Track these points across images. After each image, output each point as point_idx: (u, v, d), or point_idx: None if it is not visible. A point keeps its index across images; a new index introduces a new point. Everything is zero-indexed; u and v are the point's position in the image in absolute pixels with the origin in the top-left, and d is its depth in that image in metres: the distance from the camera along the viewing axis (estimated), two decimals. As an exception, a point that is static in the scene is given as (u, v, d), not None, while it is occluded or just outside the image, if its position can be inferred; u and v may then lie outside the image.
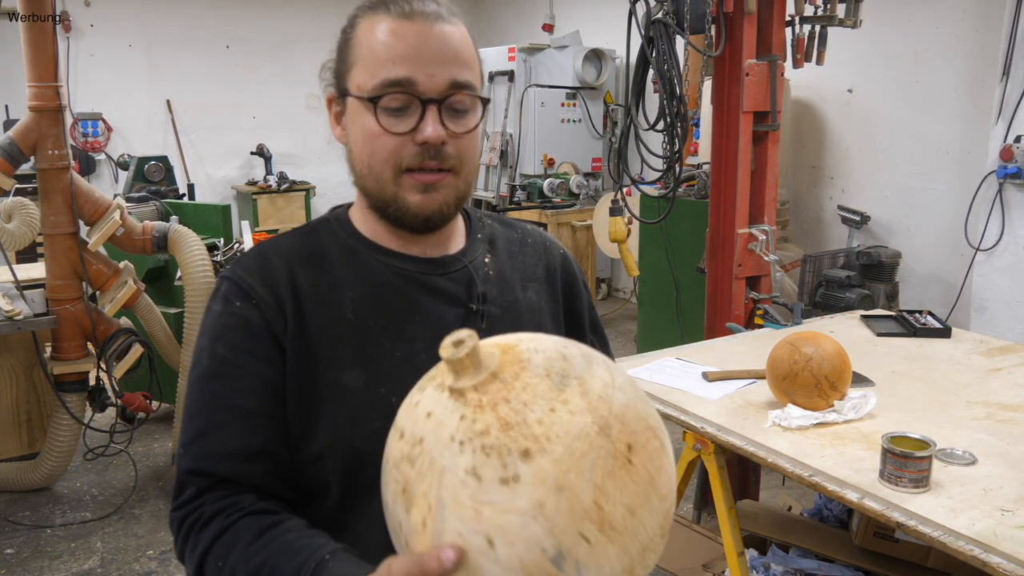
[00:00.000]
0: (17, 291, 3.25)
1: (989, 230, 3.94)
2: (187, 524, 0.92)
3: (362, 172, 0.98)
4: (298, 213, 7.10)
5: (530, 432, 0.70)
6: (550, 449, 0.69)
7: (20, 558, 3.08)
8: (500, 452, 0.69)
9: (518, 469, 0.68)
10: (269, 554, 0.86)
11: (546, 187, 5.92)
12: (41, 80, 3.14)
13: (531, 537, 0.67)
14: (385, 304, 0.99)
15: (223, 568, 0.87)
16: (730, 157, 2.99)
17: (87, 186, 3.39)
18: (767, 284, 3.09)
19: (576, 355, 0.78)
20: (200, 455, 0.93)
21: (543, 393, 0.72)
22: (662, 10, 2.85)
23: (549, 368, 0.75)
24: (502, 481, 0.68)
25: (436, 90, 0.94)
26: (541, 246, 1.17)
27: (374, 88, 0.94)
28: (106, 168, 6.79)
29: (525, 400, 0.72)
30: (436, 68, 0.94)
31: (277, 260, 1.00)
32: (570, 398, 0.73)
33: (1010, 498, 1.49)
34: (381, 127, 0.94)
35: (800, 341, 1.87)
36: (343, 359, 0.96)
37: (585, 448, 0.70)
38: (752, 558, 2.26)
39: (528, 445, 0.69)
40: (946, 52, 4.35)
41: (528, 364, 0.75)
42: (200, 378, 0.96)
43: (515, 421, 0.70)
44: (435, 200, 0.97)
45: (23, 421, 3.63)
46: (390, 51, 0.94)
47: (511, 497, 0.68)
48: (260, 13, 7.26)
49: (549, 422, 0.70)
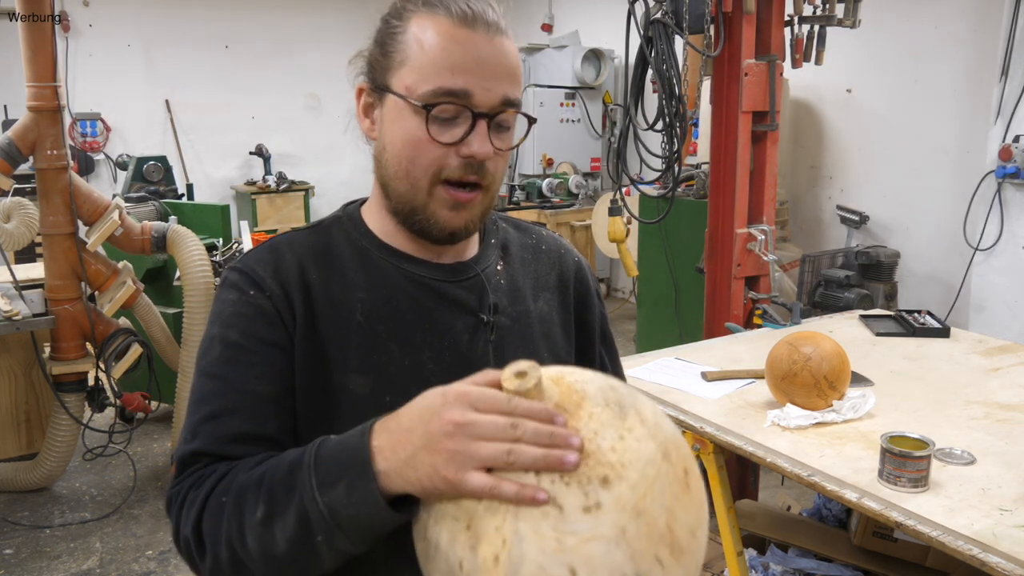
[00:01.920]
0: (16, 291, 3.25)
1: (988, 230, 3.95)
2: (184, 490, 0.87)
3: (396, 174, 0.95)
4: (297, 213, 7.09)
5: (606, 460, 0.70)
6: (626, 476, 0.70)
7: (19, 558, 3.08)
8: (580, 481, 0.69)
9: (599, 496, 0.69)
10: (274, 461, 0.83)
11: (545, 187, 5.92)
12: (40, 80, 3.14)
13: (614, 564, 0.68)
14: (395, 309, 0.97)
15: (226, 502, 0.83)
16: (729, 157, 2.99)
17: (86, 186, 3.39)
18: (766, 284, 3.09)
19: (619, 385, 0.79)
20: (210, 438, 0.89)
21: (608, 422, 0.73)
22: (661, 10, 2.85)
23: (607, 398, 0.75)
24: (584, 510, 0.68)
25: (489, 105, 0.91)
26: (556, 254, 1.14)
27: (427, 95, 0.90)
28: (105, 168, 6.78)
29: (595, 429, 0.72)
30: (493, 83, 0.91)
31: (289, 255, 0.98)
32: (633, 426, 0.74)
33: (1009, 497, 1.49)
34: (428, 135, 0.91)
35: (799, 341, 1.87)
36: (350, 362, 0.94)
37: (655, 473, 0.72)
38: (751, 558, 2.26)
39: (606, 472, 0.70)
40: (945, 52, 4.36)
41: (586, 395, 0.75)
42: (212, 364, 0.93)
43: (590, 450, 0.71)
44: (463, 217, 0.95)
45: (22, 421, 3.63)
46: (450, 58, 0.90)
47: (594, 525, 0.68)
48: (259, 13, 7.25)
49: (621, 449, 0.71)
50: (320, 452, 0.79)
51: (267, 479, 0.82)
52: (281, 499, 0.80)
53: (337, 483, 0.76)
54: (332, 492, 0.76)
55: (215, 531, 0.83)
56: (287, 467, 0.81)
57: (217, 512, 0.83)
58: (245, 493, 0.82)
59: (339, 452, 0.78)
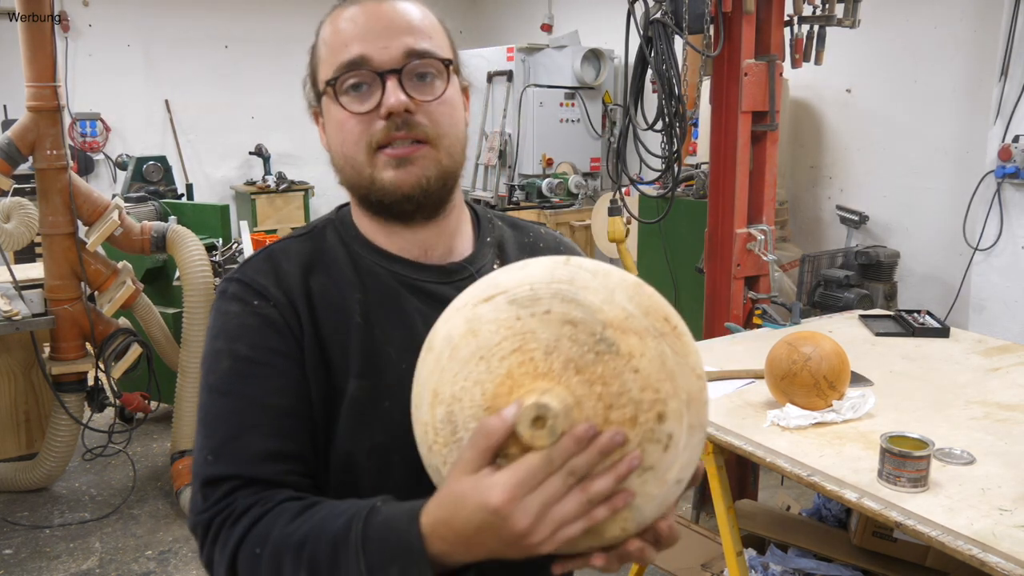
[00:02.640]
0: (15, 291, 3.25)
1: (987, 230, 3.95)
2: (217, 522, 0.84)
3: (340, 165, 0.96)
4: (297, 213, 7.09)
5: (647, 403, 0.73)
6: (666, 394, 0.74)
7: (19, 558, 3.08)
8: (649, 439, 0.73)
9: (666, 430, 0.73)
10: (314, 523, 0.80)
11: (544, 187, 5.92)
12: (39, 80, 3.14)
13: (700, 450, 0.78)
14: (389, 313, 0.95)
15: (261, 555, 0.80)
16: (728, 157, 2.99)
17: (85, 186, 3.39)
18: (766, 284, 3.09)
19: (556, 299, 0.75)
20: (234, 459, 0.86)
21: (613, 371, 0.73)
22: (660, 10, 2.85)
23: (589, 344, 0.73)
24: (665, 449, 0.74)
25: (392, 61, 0.91)
26: (554, 251, 1.12)
27: (332, 74, 0.93)
28: (104, 168, 6.78)
29: (616, 391, 0.72)
30: (388, 40, 0.91)
31: (287, 264, 0.96)
32: (630, 348, 0.73)
33: (1008, 497, 1.49)
34: (346, 111, 0.92)
35: (799, 341, 1.87)
36: (351, 366, 0.92)
37: (672, 363, 0.74)
38: (751, 558, 2.26)
39: (658, 411, 0.73)
40: (944, 52, 4.36)
41: (580, 359, 0.73)
42: (222, 380, 0.90)
43: (632, 413, 0.72)
44: (412, 174, 0.92)
45: (21, 421, 3.63)
46: (343, 36, 0.93)
47: (677, 453, 0.74)
48: (259, 13, 7.25)
49: (641, 383, 0.73)
50: (368, 531, 0.77)
51: (309, 547, 0.79)
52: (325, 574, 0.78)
53: (388, 569, 0.75)
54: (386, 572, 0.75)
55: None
56: (331, 540, 0.79)
57: (252, 565, 0.81)
58: (283, 555, 0.80)
59: (388, 532, 0.76)
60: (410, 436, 0.89)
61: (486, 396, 0.74)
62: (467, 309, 0.79)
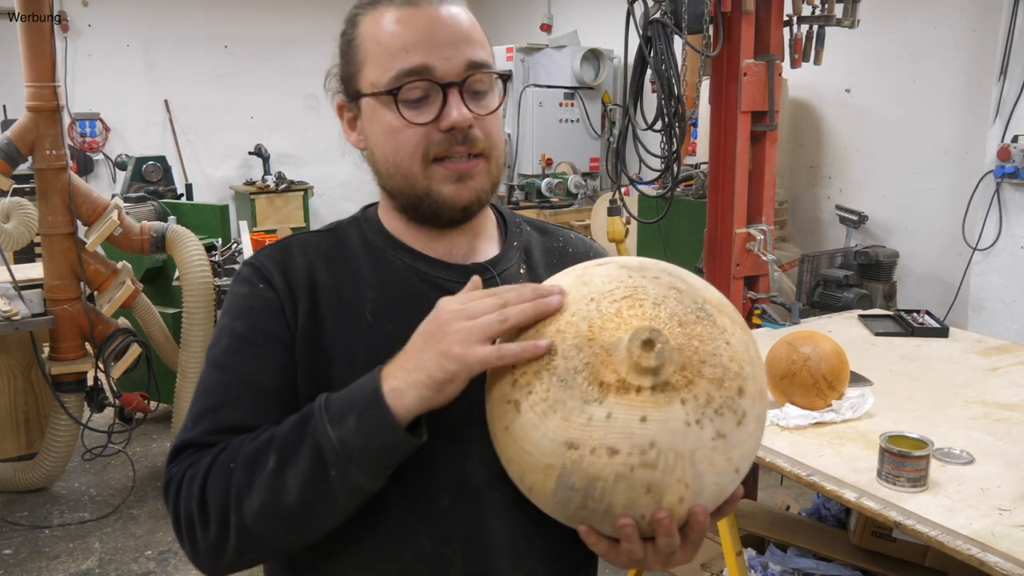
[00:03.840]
0: (15, 291, 3.25)
1: (986, 230, 3.95)
2: (180, 470, 0.88)
3: (388, 172, 0.95)
4: (296, 213, 7.09)
5: (732, 372, 0.78)
6: (748, 375, 0.80)
7: (18, 559, 3.08)
8: (728, 407, 0.77)
9: (743, 406, 0.78)
10: (275, 428, 0.86)
11: (544, 187, 5.92)
12: (39, 80, 3.14)
13: (758, 442, 0.83)
14: (405, 309, 0.95)
15: (233, 469, 0.84)
16: (728, 157, 2.99)
17: (85, 186, 3.39)
18: (765, 284, 3.09)
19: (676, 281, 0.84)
20: (207, 428, 0.90)
21: (710, 335, 0.79)
22: (660, 10, 2.85)
23: (692, 308, 0.81)
24: (737, 424, 0.78)
25: (455, 73, 0.90)
26: (584, 257, 1.09)
27: (390, 81, 0.90)
28: (104, 168, 6.78)
29: (710, 351, 0.78)
30: (451, 51, 0.90)
31: (300, 255, 0.98)
32: (719, 323, 0.81)
33: (1008, 497, 1.49)
34: (404, 120, 0.91)
35: (798, 341, 1.87)
36: (357, 362, 0.93)
37: (753, 354, 0.83)
38: (750, 557, 2.26)
39: (739, 384, 0.79)
40: (944, 52, 4.36)
41: (683, 316, 0.79)
42: (219, 355, 0.94)
43: (720, 375, 0.78)
44: (470, 188, 0.93)
45: (21, 421, 3.63)
46: (400, 40, 0.90)
47: (745, 433, 0.79)
48: (258, 13, 7.25)
49: (731, 355, 0.79)
50: (330, 397, 0.84)
51: (276, 435, 0.84)
52: (292, 445, 0.82)
53: (347, 417, 0.81)
54: (343, 426, 0.80)
55: (222, 496, 0.84)
56: (297, 419, 0.85)
57: (224, 477, 0.84)
58: (255, 455, 0.84)
59: (350, 391, 0.83)
60: None
61: (593, 329, 0.78)
62: (577, 270, 0.87)
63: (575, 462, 0.76)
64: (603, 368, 0.76)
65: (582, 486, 0.77)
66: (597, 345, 0.77)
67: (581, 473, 0.76)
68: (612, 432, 0.75)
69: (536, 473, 0.79)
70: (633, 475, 0.75)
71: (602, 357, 0.77)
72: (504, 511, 0.92)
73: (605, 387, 0.76)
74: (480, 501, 0.92)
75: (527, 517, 0.90)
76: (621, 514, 0.77)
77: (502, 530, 0.93)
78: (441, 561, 0.92)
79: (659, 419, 0.75)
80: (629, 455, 0.74)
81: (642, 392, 0.75)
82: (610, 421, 0.75)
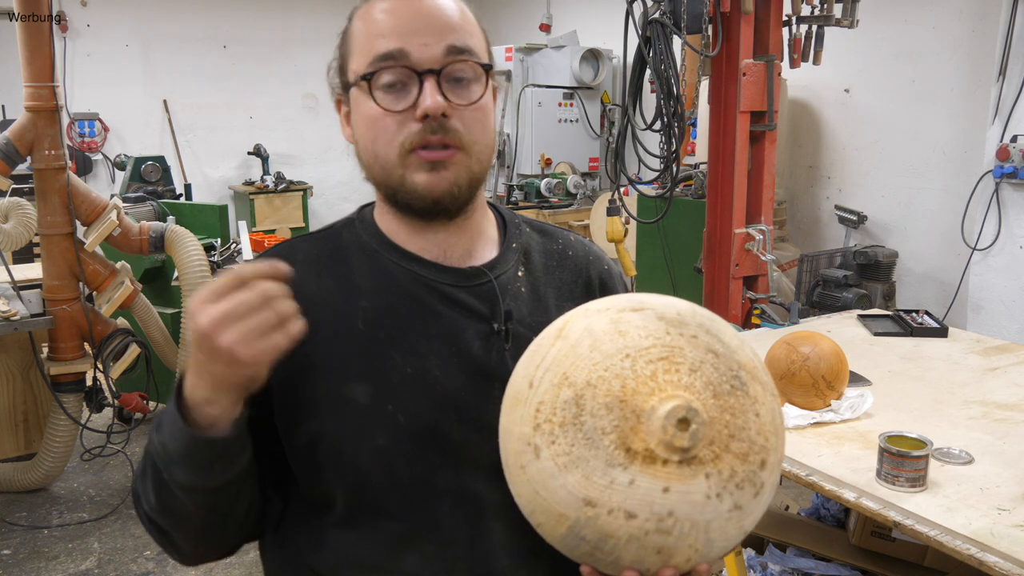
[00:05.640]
0: (14, 291, 3.25)
1: (985, 230, 3.95)
2: (135, 483, 0.94)
3: (368, 162, 0.94)
4: (295, 213, 7.09)
5: (758, 446, 0.79)
6: (772, 446, 0.80)
7: (17, 559, 3.08)
8: (749, 480, 0.78)
9: (762, 479, 0.79)
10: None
11: (543, 187, 5.92)
12: (38, 80, 3.14)
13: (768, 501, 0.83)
14: (400, 315, 0.94)
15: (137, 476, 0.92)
16: (727, 157, 3.00)
17: (84, 186, 3.38)
18: (764, 284, 3.09)
19: (701, 330, 0.81)
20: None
21: (741, 407, 0.79)
22: (659, 10, 2.85)
23: (727, 376, 0.79)
24: (755, 496, 0.79)
25: (432, 59, 0.88)
26: (584, 259, 1.08)
27: (367, 67, 0.90)
28: (103, 168, 6.78)
29: (740, 425, 0.78)
30: (430, 37, 0.89)
31: (293, 264, 0.96)
32: (752, 393, 0.80)
33: (1007, 497, 1.49)
34: (380, 107, 0.89)
35: (797, 340, 1.87)
36: (349, 371, 0.92)
37: (779, 424, 0.82)
38: (749, 557, 2.26)
39: (763, 457, 0.79)
40: (943, 52, 4.36)
41: (719, 387, 0.78)
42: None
43: (746, 450, 0.78)
44: (444, 179, 0.90)
45: (20, 422, 3.63)
46: (380, 27, 0.90)
47: (761, 502, 0.80)
48: (257, 13, 7.24)
49: (759, 427, 0.79)
50: (161, 415, 0.86)
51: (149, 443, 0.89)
52: (146, 453, 0.88)
53: (163, 425, 0.84)
54: (161, 432, 0.83)
55: (138, 503, 0.91)
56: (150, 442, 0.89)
57: (138, 504, 0.92)
58: (142, 463, 0.90)
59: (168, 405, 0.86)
60: (413, 439, 0.90)
61: (625, 390, 0.77)
62: (612, 312, 0.83)
63: (590, 518, 0.76)
64: (632, 435, 0.75)
65: (593, 539, 0.77)
66: (628, 409, 0.76)
67: (595, 529, 0.76)
68: (632, 498, 0.75)
69: (547, 516, 0.79)
70: (647, 538, 0.76)
71: (632, 423, 0.75)
72: (504, 513, 0.91)
73: (632, 454, 0.75)
74: (481, 504, 0.92)
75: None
76: (627, 567, 0.79)
77: (503, 532, 0.92)
78: (443, 564, 0.91)
79: (681, 491, 0.75)
80: (646, 521, 0.75)
81: (668, 464, 0.75)
82: (632, 487, 0.75)
